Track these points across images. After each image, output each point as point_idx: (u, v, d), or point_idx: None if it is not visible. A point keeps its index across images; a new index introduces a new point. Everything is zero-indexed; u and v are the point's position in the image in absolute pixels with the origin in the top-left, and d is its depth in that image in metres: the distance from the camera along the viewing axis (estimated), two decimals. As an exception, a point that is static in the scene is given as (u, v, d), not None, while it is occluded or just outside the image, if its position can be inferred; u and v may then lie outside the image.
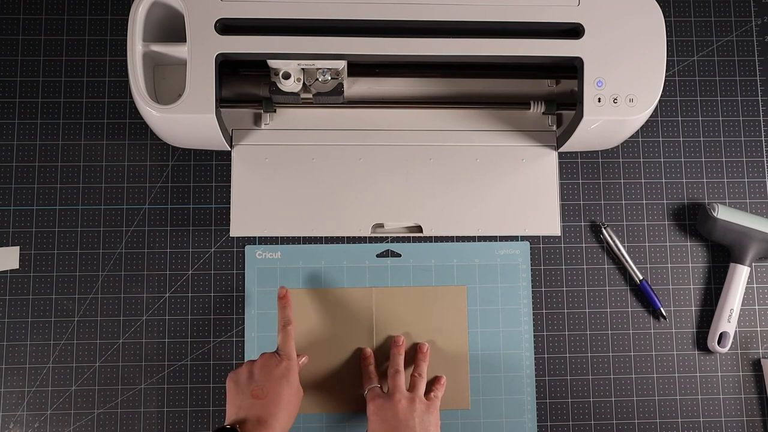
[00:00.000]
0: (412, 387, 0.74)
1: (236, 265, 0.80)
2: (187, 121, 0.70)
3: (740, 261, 0.80)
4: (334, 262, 0.81)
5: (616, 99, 0.71)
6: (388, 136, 0.79)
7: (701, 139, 0.84)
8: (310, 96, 0.76)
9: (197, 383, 0.78)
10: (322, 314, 0.79)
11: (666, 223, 0.83)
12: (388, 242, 0.81)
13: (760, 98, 0.85)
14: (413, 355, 0.78)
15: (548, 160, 0.79)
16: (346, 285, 0.80)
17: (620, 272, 0.82)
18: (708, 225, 0.79)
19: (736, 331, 0.80)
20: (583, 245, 0.82)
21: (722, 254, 0.82)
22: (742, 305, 0.81)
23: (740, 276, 0.80)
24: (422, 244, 0.81)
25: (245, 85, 0.78)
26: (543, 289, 0.81)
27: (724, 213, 0.79)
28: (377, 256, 0.81)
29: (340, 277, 0.80)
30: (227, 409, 0.70)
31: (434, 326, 0.80)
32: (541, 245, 0.82)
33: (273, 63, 0.73)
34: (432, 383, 0.77)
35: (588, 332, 0.81)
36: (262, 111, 0.78)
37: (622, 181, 0.83)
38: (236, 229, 0.76)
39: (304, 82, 0.74)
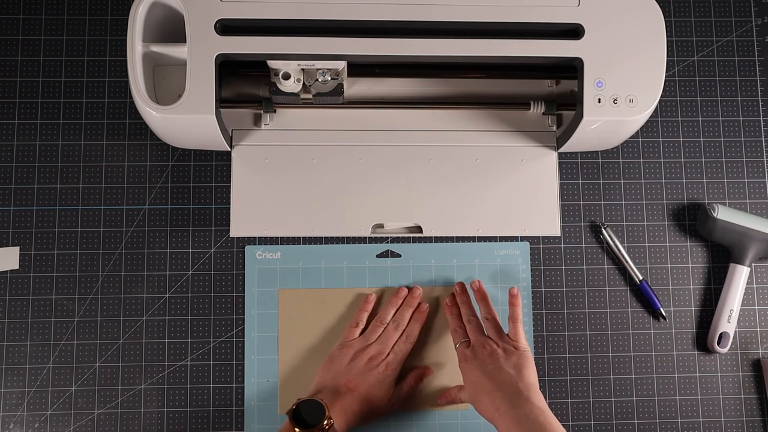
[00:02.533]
0: (489, 330, 0.75)
1: (236, 265, 0.80)
2: (187, 121, 0.70)
3: (740, 261, 0.80)
4: (334, 262, 0.81)
5: (616, 99, 0.71)
6: (388, 136, 0.79)
7: (701, 139, 0.84)
8: (310, 96, 0.76)
9: (197, 383, 0.78)
10: (322, 314, 0.79)
11: (666, 223, 0.83)
12: (388, 242, 0.81)
13: (760, 98, 0.85)
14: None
15: (548, 161, 0.79)
16: (346, 285, 0.80)
17: (620, 272, 0.82)
18: (708, 225, 0.79)
19: (736, 331, 0.80)
20: (583, 245, 0.82)
21: (722, 254, 0.82)
22: (742, 305, 0.81)
23: (740, 276, 0.80)
24: (422, 244, 0.81)
25: (245, 85, 0.78)
26: (543, 290, 0.81)
27: (724, 213, 0.79)
28: (377, 256, 0.81)
29: (340, 278, 0.80)
30: (318, 379, 0.74)
31: (434, 326, 0.80)
32: (541, 245, 0.82)
33: (273, 63, 0.73)
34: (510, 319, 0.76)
35: (588, 332, 0.81)
36: (262, 111, 0.78)
37: (622, 181, 0.83)
38: (236, 230, 0.76)
39: (304, 83, 0.74)
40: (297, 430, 0.67)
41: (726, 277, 0.81)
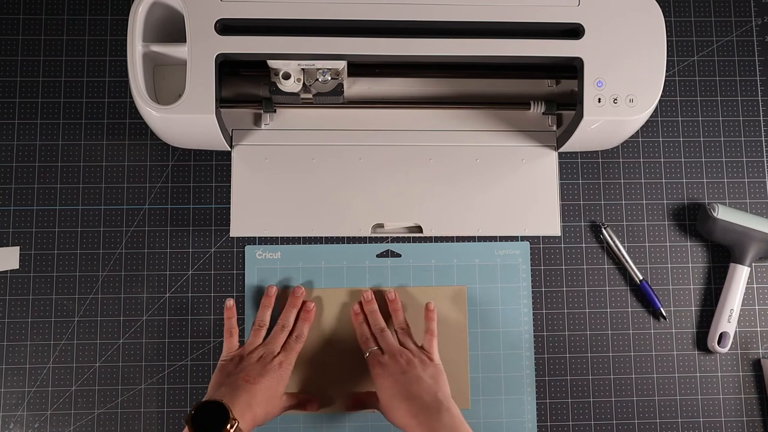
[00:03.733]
0: (404, 340, 0.75)
1: (236, 265, 0.80)
2: (187, 121, 0.70)
3: (740, 261, 0.80)
4: (334, 262, 0.81)
5: (616, 99, 0.71)
6: (388, 136, 0.79)
7: (701, 139, 0.84)
8: (310, 96, 0.76)
9: (197, 383, 0.78)
10: (321, 314, 0.79)
11: (666, 223, 0.83)
12: (388, 242, 0.81)
13: (760, 98, 0.85)
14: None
15: (548, 160, 0.79)
16: (346, 285, 0.80)
17: (620, 272, 0.82)
18: (708, 225, 0.79)
19: (736, 331, 0.80)
20: (583, 245, 0.82)
21: (722, 254, 0.82)
22: (742, 305, 0.81)
23: (740, 276, 0.80)
24: (422, 244, 0.81)
25: (245, 85, 0.78)
26: (543, 289, 0.81)
27: (724, 213, 0.79)
28: (377, 256, 0.81)
29: (340, 277, 0.80)
30: (210, 386, 0.71)
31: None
32: (541, 245, 0.82)
33: (273, 63, 0.73)
34: (424, 331, 0.76)
35: (588, 332, 0.81)
36: (262, 111, 0.78)
37: (622, 181, 0.83)
38: (236, 229, 0.76)
39: (304, 83, 0.74)
40: None
41: (726, 277, 0.81)
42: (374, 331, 0.76)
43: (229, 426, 0.61)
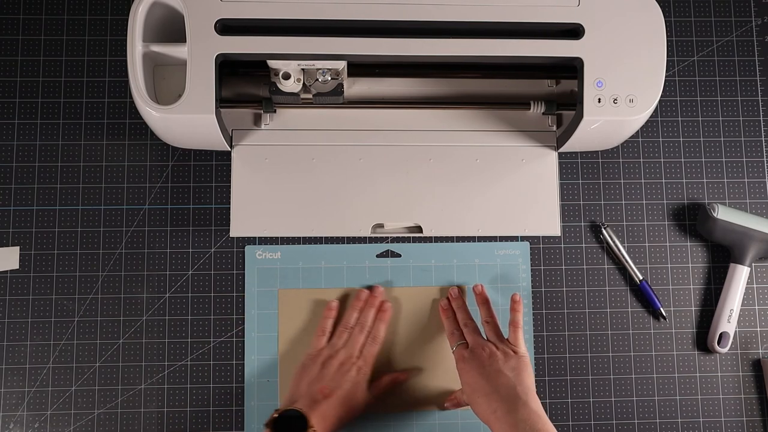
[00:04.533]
0: (488, 333, 0.75)
1: (236, 265, 0.80)
2: (187, 121, 0.70)
3: (740, 261, 0.80)
4: (334, 262, 0.81)
5: (616, 99, 0.71)
6: (388, 136, 0.79)
7: (701, 139, 0.84)
8: (310, 96, 0.76)
9: (197, 383, 0.78)
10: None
11: (666, 223, 0.83)
12: (388, 242, 0.81)
13: (760, 98, 0.85)
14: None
15: (548, 160, 0.79)
16: (346, 285, 0.80)
17: (620, 272, 0.82)
18: (708, 225, 0.79)
19: (736, 331, 0.80)
20: (583, 245, 0.82)
21: (722, 254, 0.82)
22: (742, 305, 0.81)
23: (740, 276, 0.80)
24: (422, 244, 0.81)
25: (245, 85, 0.78)
26: (543, 289, 0.81)
27: (724, 213, 0.79)
28: (377, 256, 0.81)
29: (340, 277, 0.80)
30: (292, 389, 0.73)
31: (434, 326, 0.80)
32: (541, 245, 0.82)
33: (273, 63, 0.73)
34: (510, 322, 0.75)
35: (588, 332, 0.81)
36: (262, 111, 0.78)
37: (622, 181, 0.83)
38: (236, 229, 0.76)
39: (304, 83, 0.74)
40: None
41: (726, 277, 0.81)
42: (460, 326, 0.76)
43: None
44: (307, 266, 0.80)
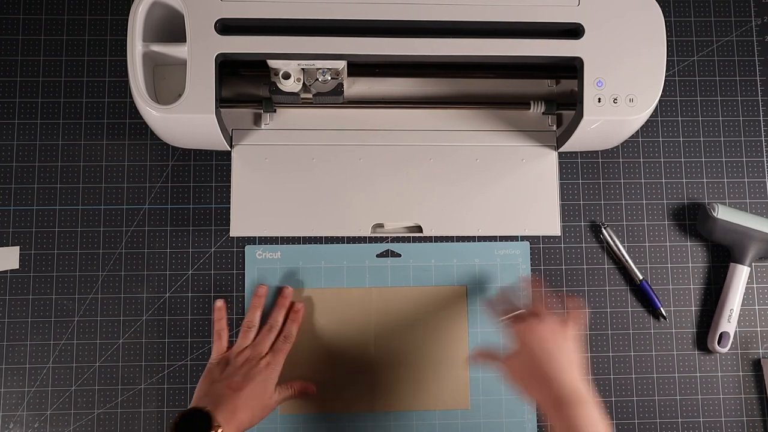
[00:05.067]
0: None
1: (236, 265, 0.80)
2: (187, 121, 0.70)
3: (740, 261, 0.80)
4: (334, 262, 0.81)
5: (616, 99, 0.71)
6: (388, 136, 0.79)
7: (701, 139, 0.84)
8: (310, 96, 0.76)
9: (197, 383, 0.78)
10: (321, 314, 0.79)
11: (666, 223, 0.83)
12: (388, 242, 0.81)
13: (760, 98, 0.85)
14: None
15: (548, 160, 0.79)
16: (346, 285, 0.80)
17: (620, 272, 0.82)
18: (708, 225, 0.79)
19: (736, 331, 0.80)
20: (583, 245, 0.82)
21: (722, 254, 0.82)
22: (742, 305, 0.81)
23: (740, 276, 0.80)
24: (422, 244, 0.81)
25: (245, 85, 0.78)
26: (543, 289, 0.81)
27: (724, 213, 0.79)
28: (377, 256, 0.81)
29: (340, 277, 0.80)
30: (196, 392, 0.71)
31: (434, 326, 0.80)
32: (541, 245, 0.82)
33: (273, 63, 0.73)
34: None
35: (588, 332, 0.81)
36: (262, 111, 0.78)
37: (622, 181, 0.83)
38: (236, 229, 0.76)
39: (304, 82, 0.74)
40: None
41: (726, 277, 0.81)
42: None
43: None
44: (307, 266, 0.80)
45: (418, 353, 0.79)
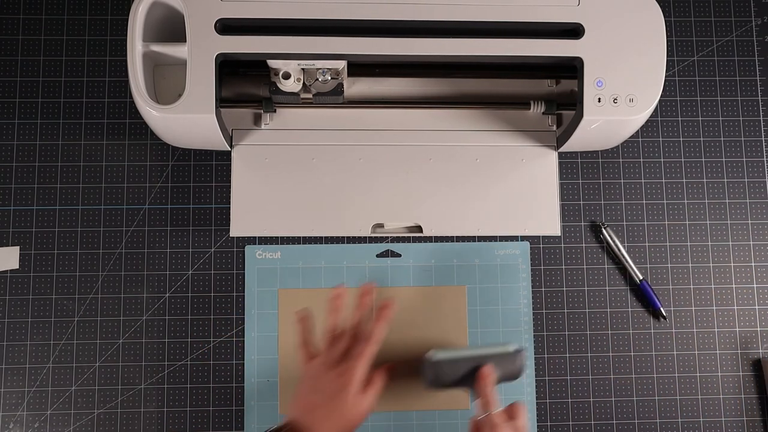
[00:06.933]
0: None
1: (236, 265, 0.80)
2: (187, 121, 0.70)
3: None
4: (334, 262, 0.81)
5: (616, 99, 0.71)
6: (388, 136, 0.79)
7: (701, 139, 0.84)
8: (310, 96, 0.76)
9: (197, 383, 0.78)
10: (322, 314, 0.79)
11: (666, 223, 0.83)
12: (388, 242, 0.81)
13: (760, 98, 0.85)
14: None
15: (548, 160, 0.79)
16: (346, 285, 0.80)
17: (620, 272, 0.82)
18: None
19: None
20: (583, 245, 0.82)
21: (723, 254, 0.82)
22: (742, 305, 0.81)
23: None
24: (422, 244, 0.81)
25: (245, 85, 0.78)
26: (543, 289, 0.81)
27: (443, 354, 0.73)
28: (377, 256, 0.81)
29: (340, 277, 0.80)
30: (288, 405, 0.68)
31: (434, 326, 0.80)
32: (541, 245, 0.82)
33: (273, 63, 0.73)
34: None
35: (588, 332, 0.81)
36: (262, 111, 0.78)
37: (622, 181, 0.83)
38: (236, 229, 0.76)
39: (304, 82, 0.74)
40: None
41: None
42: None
43: None
44: (307, 266, 0.80)
45: (417, 352, 0.79)
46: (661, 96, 0.74)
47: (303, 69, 0.74)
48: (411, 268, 0.81)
